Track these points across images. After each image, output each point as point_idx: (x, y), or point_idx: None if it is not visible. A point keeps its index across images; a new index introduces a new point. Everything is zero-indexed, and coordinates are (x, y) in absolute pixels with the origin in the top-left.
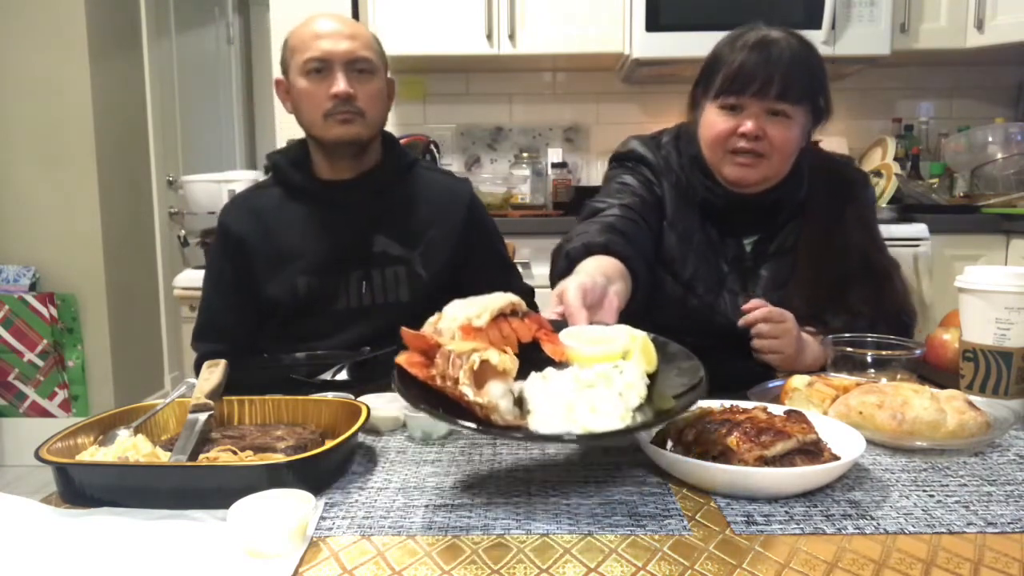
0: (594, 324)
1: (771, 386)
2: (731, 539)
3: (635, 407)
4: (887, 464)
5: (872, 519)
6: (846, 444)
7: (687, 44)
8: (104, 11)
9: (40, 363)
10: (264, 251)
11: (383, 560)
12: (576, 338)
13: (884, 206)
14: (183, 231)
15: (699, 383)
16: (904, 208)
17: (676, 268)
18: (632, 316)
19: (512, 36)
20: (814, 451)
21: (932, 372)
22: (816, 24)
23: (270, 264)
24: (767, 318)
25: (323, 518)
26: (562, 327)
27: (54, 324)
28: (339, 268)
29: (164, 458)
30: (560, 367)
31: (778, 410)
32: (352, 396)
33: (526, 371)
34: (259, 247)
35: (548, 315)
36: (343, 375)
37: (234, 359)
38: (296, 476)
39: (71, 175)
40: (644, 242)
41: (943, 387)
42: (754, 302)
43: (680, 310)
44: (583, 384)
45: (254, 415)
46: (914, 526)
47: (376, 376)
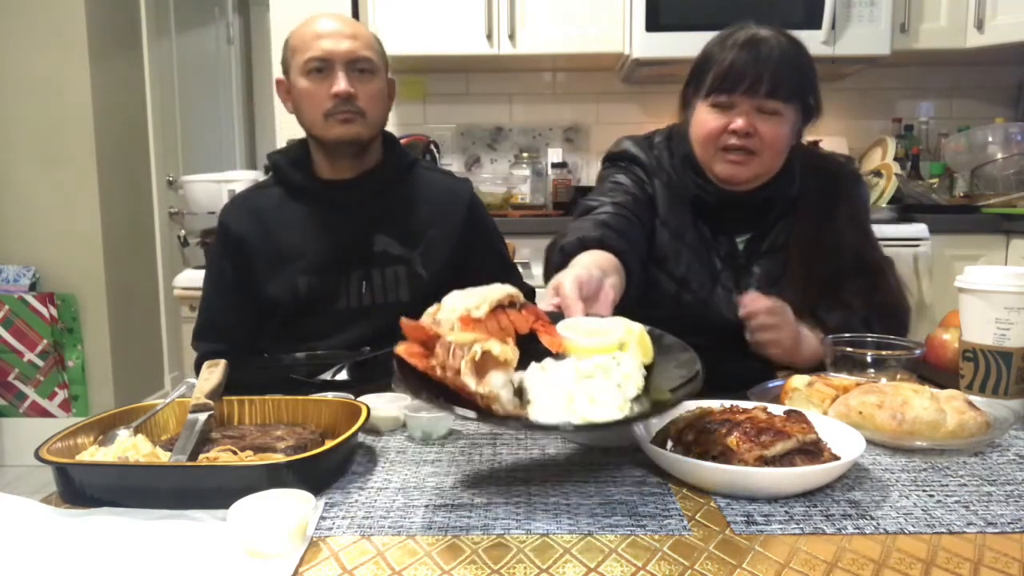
0: (590, 316)
1: (771, 386)
2: (731, 539)
3: (633, 398)
4: (887, 464)
5: (872, 519)
6: (846, 444)
7: (687, 44)
8: (104, 11)
9: (40, 363)
10: (264, 251)
11: (383, 560)
12: (573, 330)
13: (884, 206)
14: (183, 231)
15: (696, 375)
16: (904, 208)
17: (669, 265)
18: (625, 312)
19: (512, 36)
20: (814, 451)
21: (932, 372)
22: (816, 24)
23: (270, 264)
24: (769, 310)
25: (323, 518)
26: (559, 319)
27: (54, 324)
28: (339, 268)
29: (164, 458)
30: (558, 358)
31: (778, 410)
32: (352, 396)
33: (525, 362)
34: (259, 247)
35: (544, 307)
36: (343, 375)
37: (234, 359)
38: (296, 476)
39: (71, 175)
40: (637, 238)
41: (943, 387)
42: (752, 294)
43: (674, 307)
44: (582, 375)
45: (254, 415)
46: (914, 526)
47: (376, 376)
